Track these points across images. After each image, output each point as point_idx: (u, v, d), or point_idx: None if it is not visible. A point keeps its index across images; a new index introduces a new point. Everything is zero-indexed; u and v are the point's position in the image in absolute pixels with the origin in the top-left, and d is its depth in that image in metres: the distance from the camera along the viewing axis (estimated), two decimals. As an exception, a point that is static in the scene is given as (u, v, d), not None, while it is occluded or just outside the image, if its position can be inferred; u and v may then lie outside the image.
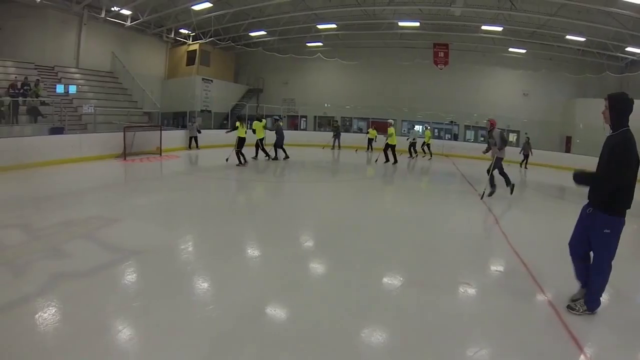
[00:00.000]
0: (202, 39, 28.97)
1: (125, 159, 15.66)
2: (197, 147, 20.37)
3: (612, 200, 4.04)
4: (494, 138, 11.10)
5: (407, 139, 22.14)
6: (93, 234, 6.55)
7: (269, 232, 7.32)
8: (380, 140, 20.67)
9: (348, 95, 30.78)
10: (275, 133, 18.24)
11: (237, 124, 15.74)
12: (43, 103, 18.71)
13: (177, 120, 26.22)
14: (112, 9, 23.65)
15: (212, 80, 29.89)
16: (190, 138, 20.44)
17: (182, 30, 28.92)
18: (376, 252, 6.25)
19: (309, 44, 30.32)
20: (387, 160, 18.04)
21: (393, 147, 17.97)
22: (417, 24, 23.94)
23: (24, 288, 4.45)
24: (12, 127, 16.76)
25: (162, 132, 18.07)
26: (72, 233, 6.57)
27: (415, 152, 22.07)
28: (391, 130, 18.02)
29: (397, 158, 18.23)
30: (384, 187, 14.15)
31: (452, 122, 28.41)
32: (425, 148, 22.48)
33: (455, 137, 28.43)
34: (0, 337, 3.47)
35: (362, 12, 23.70)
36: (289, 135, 25.03)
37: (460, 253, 6.48)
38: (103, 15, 23.96)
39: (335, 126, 25.73)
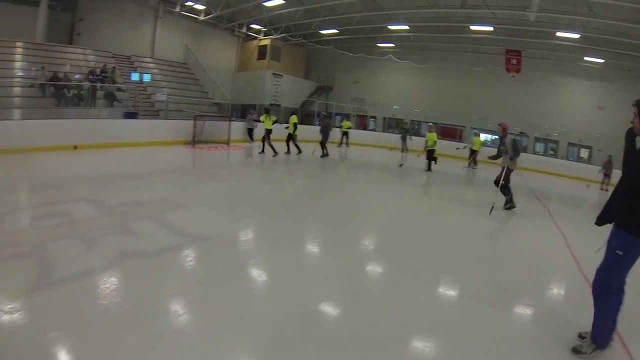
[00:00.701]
0: (273, 35, 29.38)
1: (194, 146, 16.20)
2: (251, 139, 20.66)
3: (635, 216, 3.40)
4: (505, 145, 10.12)
5: (465, 146, 21.25)
6: (161, 216, 6.81)
7: (328, 230, 7.35)
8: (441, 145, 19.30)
9: (418, 98, 30.11)
10: (320, 130, 17.96)
11: (263, 116, 16.29)
12: (119, 89, 19.65)
13: (246, 112, 26.70)
14: (186, 3, 24.64)
15: (282, 75, 30.24)
16: (249, 130, 20.81)
17: (254, 26, 29.39)
18: (438, 262, 6.08)
19: (380, 44, 29.98)
20: (429, 169, 16.78)
21: (432, 151, 16.73)
22: (491, 28, 23.23)
23: (92, 261, 4.74)
24: (89, 109, 17.75)
25: (231, 123, 18.52)
26: (141, 213, 6.90)
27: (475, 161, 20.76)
28: (431, 135, 16.82)
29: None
30: (445, 196, 13.43)
31: (521, 132, 27.36)
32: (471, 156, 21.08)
33: (524, 149, 27.25)
34: (67, 305, 3.71)
35: (434, 14, 23.27)
36: (358, 135, 25.12)
37: (525, 273, 6.10)
38: (178, 9, 25.01)
39: (405, 128, 25.12)
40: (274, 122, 16.28)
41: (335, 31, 28.35)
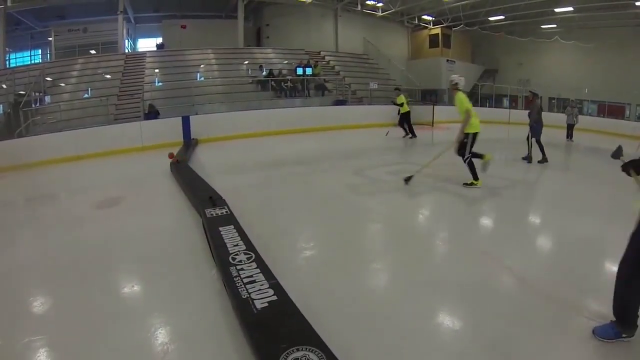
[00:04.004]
0: (442, 24, 31.15)
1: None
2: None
3: None
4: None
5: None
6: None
7: None
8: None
9: (582, 78, 28.75)
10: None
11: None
12: (325, 81, 22.85)
13: (426, 96, 28.30)
14: (366, 2, 27.73)
15: (454, 62, 31.50)
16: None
17: (425, 17, 31.30)
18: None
19: (544, 27, 30.02)
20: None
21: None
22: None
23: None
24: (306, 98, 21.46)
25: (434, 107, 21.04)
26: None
27: None
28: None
29: None
30: None
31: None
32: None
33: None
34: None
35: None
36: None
37: None
38: (359, 7, 28.08)
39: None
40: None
41: (501, 17, 28.77)
